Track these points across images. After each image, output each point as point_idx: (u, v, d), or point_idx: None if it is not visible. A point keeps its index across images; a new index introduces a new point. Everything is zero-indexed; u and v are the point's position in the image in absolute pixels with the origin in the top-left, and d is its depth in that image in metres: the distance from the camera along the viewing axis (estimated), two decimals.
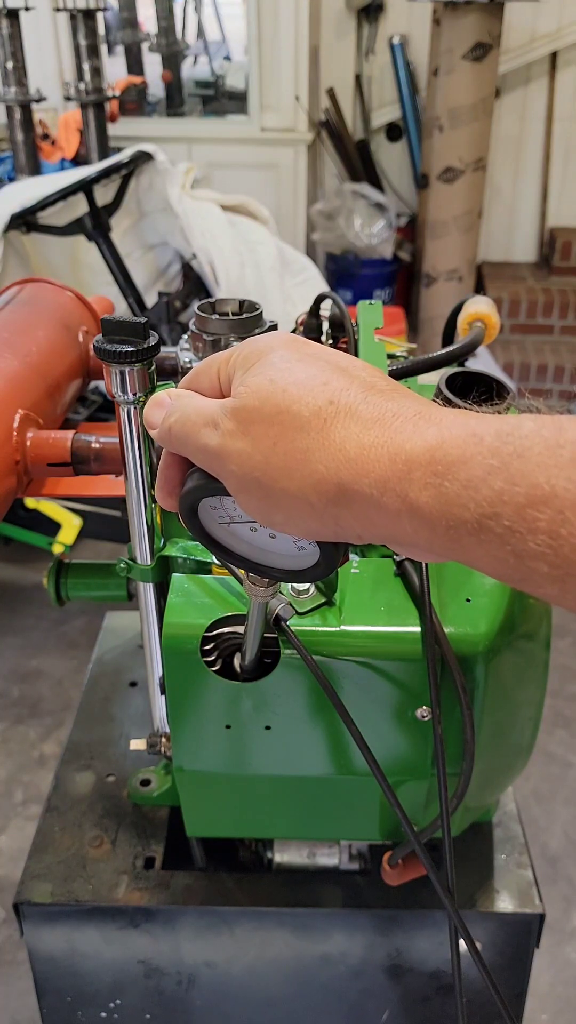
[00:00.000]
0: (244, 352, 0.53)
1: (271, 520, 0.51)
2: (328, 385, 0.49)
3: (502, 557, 0.42)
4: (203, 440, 0.51)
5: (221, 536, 0.58)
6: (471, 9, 4.23)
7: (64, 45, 4.87)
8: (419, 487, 0.44)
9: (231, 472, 0.50)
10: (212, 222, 3.30)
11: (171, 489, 0.56)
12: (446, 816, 0.80)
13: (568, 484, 0.39)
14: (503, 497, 0.41)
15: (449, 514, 0.43)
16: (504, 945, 0.99)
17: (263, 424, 0.49)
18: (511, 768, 0.94)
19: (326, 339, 1.07)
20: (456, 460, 0.43)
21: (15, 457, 0.86)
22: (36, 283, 1.14)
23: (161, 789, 1.10)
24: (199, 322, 0.93)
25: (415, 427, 0.46)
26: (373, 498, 0.46)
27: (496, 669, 0.80)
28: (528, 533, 0.40)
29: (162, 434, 0.54)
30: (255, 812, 0.97)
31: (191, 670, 0.82)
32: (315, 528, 0.49)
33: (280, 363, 0.51)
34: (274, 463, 0.48)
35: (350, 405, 0.48)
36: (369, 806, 0.92)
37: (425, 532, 0.45)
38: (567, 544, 0.39)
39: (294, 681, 0.81)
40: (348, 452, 0.46)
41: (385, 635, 0.80)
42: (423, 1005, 1.00)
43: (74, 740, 1.22)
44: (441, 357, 0.88)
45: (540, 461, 0.40)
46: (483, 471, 0.42)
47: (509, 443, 0.42)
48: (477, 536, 0.42)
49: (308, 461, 0.47)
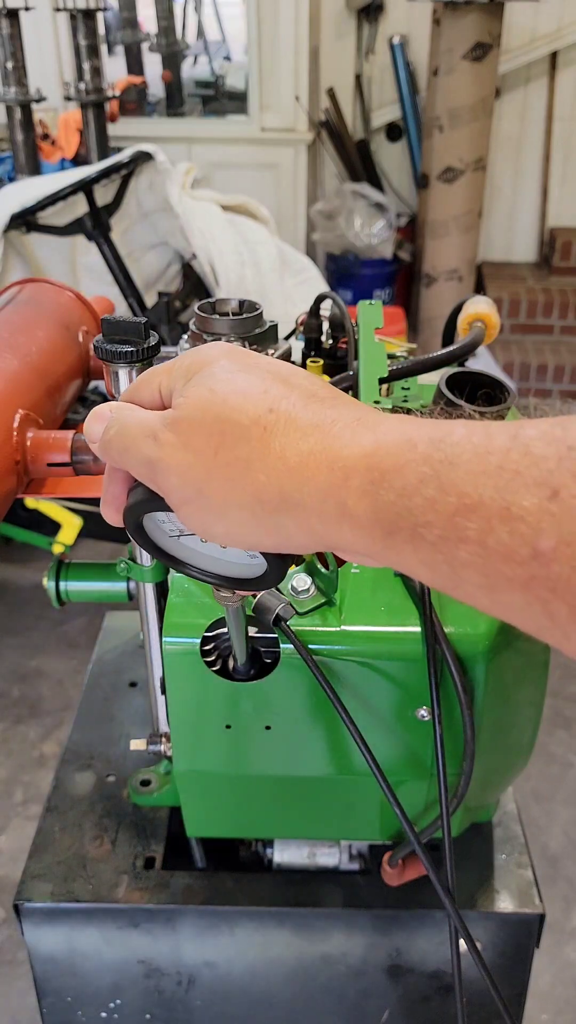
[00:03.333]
0: (184, 363, 0.52)
1: (213, 532, 0.50)
2: (268, 393, 0.48)
3: (436, 566, 0.42)
4: (143, 452, 0.51)
5: (172, 548, 0.57)
6: (471, 9, 4.23)
7: (64, 45, 4.87)
8: (356, 495, 0.44)
9: (172, 485, 0.50)
10: (212, 222, 3.30)
11: (116, 504, 0.56)
12: (446, 816, 0.80)
13: (494, 493, 0.39)
14: (435, 506, 0.40)
15: (385, 522, 0.43)
16: (504, 945, 0.99)
17: (203, 434, 0.48)
18: (511, 768, 0.94)
19: (326, 339, 1.07)
20: (391, 468, 0.43)
21: (15, 457, 0.86)
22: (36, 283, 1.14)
23: (161, 789, 1.10)
24: (199, 322, 0.93)
25: (353, 433, 0.45)
26: (314, 507, 0.45)
27: (496, 669, 0.80)
28: (459, 542, 0.40)
29: (102, 447, 0.54)
30: (255, 812, 0.97)
31: (191, 670, 0.82)
32: (258, 539, 0.49)
33: (220, 373, 0.50)
34: (215, 473, 0.48)
35: (290, 413, 0.47)
36: (369, 806, 0.92)
37: (364, 540, 0.44)
38: (495, 554, 0.39)
39: (294, 681, 0.81)
40: (288, 460, 0.46)
41: (385, 635, 0.80)
42: (423, 1005, 1.00)
43: (74, 740, 1.22)
44: (441, 357, 0.88)
45: (469, 469, 0.40)
46: (416, 479, 0.41)
47: (441, 450, 0.41)
48: (412, 544, 0.42)
49: (249, 470, 0.47)
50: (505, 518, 0.38)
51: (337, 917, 0.99)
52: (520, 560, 0.38)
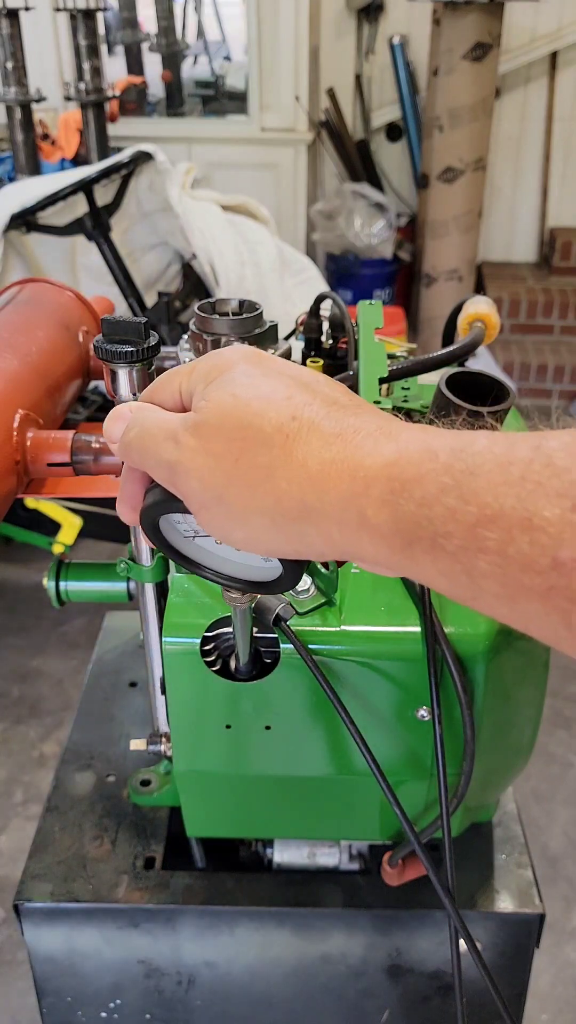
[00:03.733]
0: (206, 365, 0.52)
1: (232, 538, 0.50)
2: (291, 400, 0.48)
3: (455, 576, 0.42)
4: (163, 455, 0.50)
5: (186, 549, 0.57)
6: (471, 9, 4.23)
7: (64, 45, 4.87)
8: (377, 505, 0.43)
9: (192, 489, 0.49)
10: (212, 222, 3.30)
11: (133, 504, 0.56)
12: (446, 816, 0.80)
13: (516, 503, 0.39)
14: (455, 516, 0.40)
15: (405, 532, 0.43)
16: (504, 945, 0.99)
17: (225, 440, 0.48)
18: (511, 768, 0.94)
19: (326, 339, 1.07)
20: (412, 478, 0.42)
21: (15, 457, 0.86)
22: (36, 283, 1.13)
23: (161, 789, 1.10)
24: (199, 322, 0.93)
25: (375, 443, 0.45)
26: (334, 515, 0.45)
27: (496, 669, 0.80)
28: (479, 552, 0.40)
29: (122, 448, 0.54)
30: (255, 812, 0.97)
31: (191, 670, 0.82)
32: (277, 546, 0.49)
33: (242, 378, 0.50)
34: (236, 479, 0.47)
35: (313, 420, 0.47)
36: (369, 806, 0.92)
37: (384, 549, 0.44)
38: (514, 564, 0.39)
39: (294, 681, 0.81)
40: (310, 469, 0.46)
41: (385, 635, 0.80)
42: (423, 1005, 1.00)
43: (74, 740, 1.22)
44: (441, 357, 0.88)
45: (490, 479, 0.40)
46: (437, 489, 0.41)
47: (462, 460, 0.41)
48: (431, 554, 0.42)
49: (271, 478, 0.47)
50: (526, 528, 0.38)
51: (337, 917, 0.99)
52: (540, 570, 0.38)
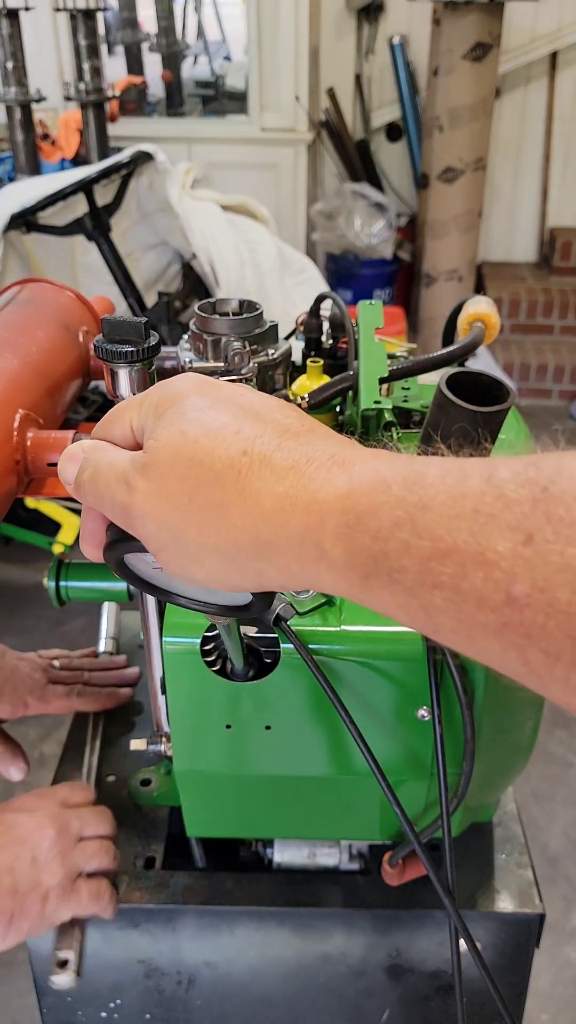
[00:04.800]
0: (155, 398, 0.51)
1: (193, 577, 0.49)
2: (240, 434, 0.47)
3: (412, 610, 0.41)
4: (117, 499, 0.50)
5: (156, 579, 0.57)
6: (471, 9, 4.23)
7: (64, 45, 4.87)
8: (332, 538, 0.43)
9: (148, 531, 0.49)
10: (212, 222, 3.30)
11: (95, 541, 0.55)
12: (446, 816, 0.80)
13: (468, 537, 0.38)
14: (410, 550, 0.40)
15: (361, 565, 0.42)
16: (504, 945, 0.99)
17: (177, 479, 0.47)
18: (511, 768, 0.94)
19: (326, 339, 1.07)
20: (365, 511, 0.42)
21: (15, 457, 0.86)
22: (36, 283, 1.13)
23: (162, 789, 1.10)
24: (199, 322, 0.93)
25: (328, 473, 0.45)
26: (291, 550, 0.45)
27: None
28: (433, 587, 0.39)
29: (76, 490, 0.53)
30: (255, 812, 0.97)
31: (191, 670, 0.82)
32: (238, 582, 0.48)
33: (191, 412, 0.49)
34: (191, 520, 0.47)
35: (264, 454, 0.46)
36: (370, 806, 0.92)
37: (342, 583, 0.44)
38: (469, 600, 0.38)
39: (294, 681, 0.81)
40: (264, 505, 0.45)
41: (385, 635, 0.80)
42: (423, 1005, 1.00)
43: (73, 740, 1.22)
44: (441, 357, 0.88)
45: (443, 512, 0.39)
46: (391, 522, 0.41)
47: (415, 492, 0.41)
48: (388, 588, 0.41)
49: (226, 516, 0.46)
50: (479, 563, 0.38)
51: (337, 917, 0.99)
52: (494, 606, 0.37)
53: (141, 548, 0.51)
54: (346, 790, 0.91)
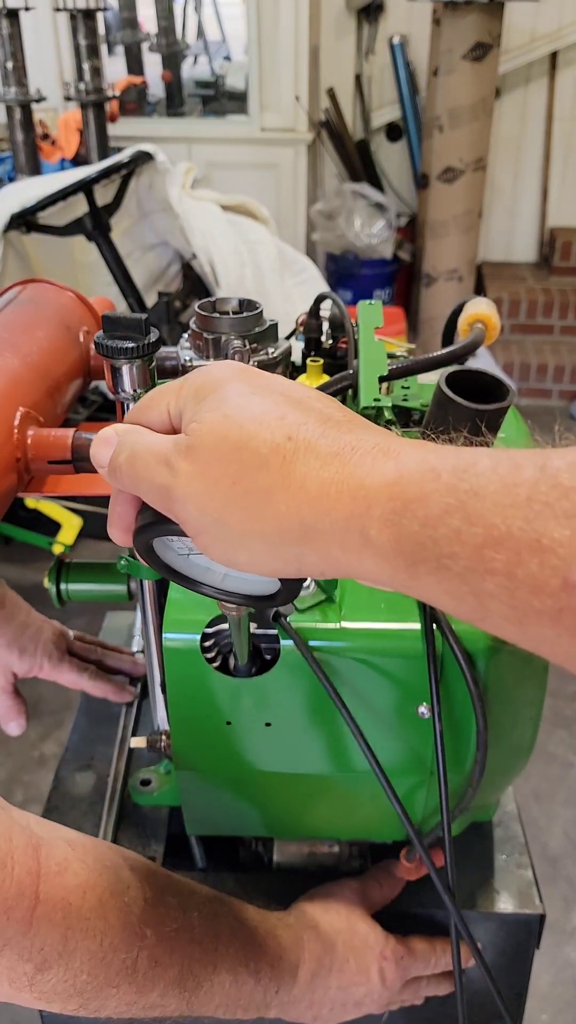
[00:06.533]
0: (195, 383, 0.51)
1: (234, 561, 0.49)
2: (285, 419, 0.47)
3: (461, 597, 0.41)
4: (157, 480, 0.49)
5: (182, 567, 0.56)
6: (471, 9, 4.23)
7: (64, 45, 4.88)
8: (379, 525, 0.43)
9: (189, 514, 0.48)
10: (212, 222, 3.30)
11: (124, 525, 0.55)
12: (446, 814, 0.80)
13: (524, 525, 0.38)
14: (461, 536, 0.40)
15: (409, 552, 0.42)
16: (504, 945, 0.99)
17: (221, 463, 0.47)
18: (512, 768, 0.94)
19: (326, 339, 1.07)
20: (414, 497, 0.42)
21: (16, 455, 0.86)
22: (37, 283, 1.13)
23: (162, 789, 1.10)
24: (199, 321, 0.93)
25: (373, 461, 0.44)
26: (336, 536, 0.45)
27: (497, 666, 0.80)
28: (486, 574, 0.39)
29: (111, 473, 0.53)
30: (256, 811, 0.97)
31: (191, 666, 0.82)
32: (279, 567, 0.48)
33: (234, 397, 0.49)
34: (234, 503, 0.47)
35: (308, 440, 0.46)
36: (371, 805, 0.92)
37: (387, 570, 0.44)
38: (523, 586, 0.38)
39: (294, 678, 0.81)
40: (309, 490, 0.45)
41: (385, 632, 0.80)
42: (423, 1005, 1.00)
43: (74, 740, 1.22)
44: (442, 357, 0.88)
45: (496, 500, 0.39)
46: (440, 509, 0.41)
47: (466, 480, 0.41)
48: (437, 575, 0.41)
49: (270, 500, 0.46)
50: (535, 550, 0.38)
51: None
52: (550, 592, 0.38)
53: (177, 531, 0.50)
54: (347, 788, 0.91)
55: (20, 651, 1.06)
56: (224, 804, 0.96)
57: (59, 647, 1.10)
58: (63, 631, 1.15)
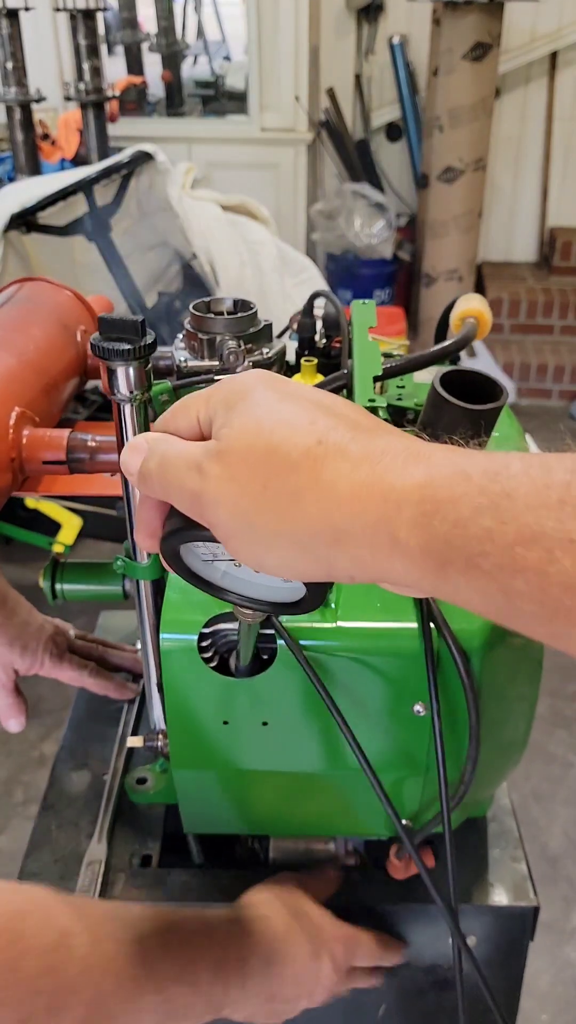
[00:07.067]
0: (224, 391, 0.52)
1: (263, 564, 0.49)
2: (315, 424, 0.48)
3: (491, 596, 0.41)
4: (188, 485, 0.50)
5: (206, 572, 0.57)
6: (471, 9, 4.24)
7: (64, 45, 4.88)
8: (409, 526, 0.43)
9: (220, 517, 0.49)
10: (212, 222, 3.31)
11: (151, 531, 0.55)
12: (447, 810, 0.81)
13: (557, 524, 0.39)
14: (492, 536, 0.40)
15: (439, 553, 0.42)
16: (499, 939, 0.99)
17: (252, 466, 0.48)
18: (506, 763, 0.95)
19: (320, 338, 1.07)
20: (445, 499, 0.42)
21: (11, 454, 0.87)
22: (34, 282, 1.14)
23: (158, 787, 1.10)
24: (194, 321, 0.94)
25: (404, 464, 0.45)
26: (366, 538, 0.45)
27: (491, 663, 0.80)
28: (517, 571, 0.40)
29: (141, 479, 0.53)
30: (253, 808, 0.97)
31: (188, 666, 0.82)
32: (308, 570, 0.48)
33: (264, 403, 0.49)
34: (265, 506, 0.47)
35: (339, 444, 0.47)
36: (368, 802, 0.92)
37: (416, 571, 0.44)
38: (555, 583, 0.39)
39: (290, 677, 0.82)
40: (340, 492, 0.45)
41: (381, 631, 0.80)
42: (419, 999, 1.00)
43: (69, 738, 1.23)
44: (435, 354, 0.89)
45: (528, 502, 0.40)
46: (472, 510, 0.41)
47: (498, 482, 0.41)
48: (466, 575, 0.42)
49: (301, 502, 0.46)
50: (569, 549, 0.38)
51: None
52: None
53: (207, 537, 0.51)
54: (344, 786, 0.91)
55: (22, 648, 1.06)
56: (221, 802, 0.96)
57: (60, 645, 1.11)
58: (64, 629, 1.16)
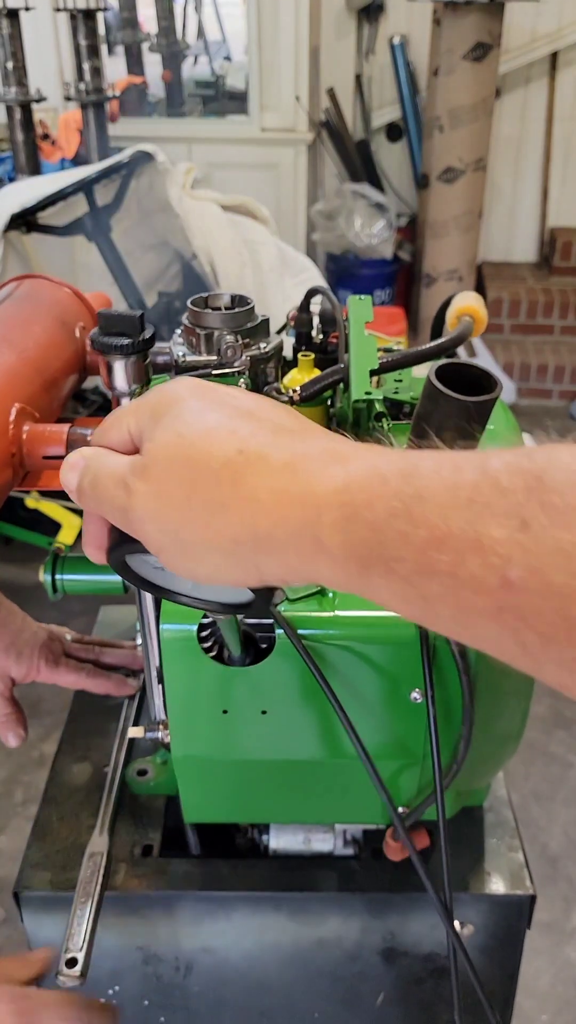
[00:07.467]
0: (151, 402, 0.52)
1: (195, 574, 0.50)
2: (236, 433, 0.48)
3: (410, 600, 0.42)
4: (116, 502, 0.51)
5: (159, 579, 0.58)
6: (471, 9, 4.24)
7: (64, 45, 4.88)
8: (330, 530, 0.44)
9: (148, 532, 0.50)
10: (212, 222, 3.31)
11: (98, 544, 0.56)
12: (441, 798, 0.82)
13: (465, 525, 0.39)
14: (407, 539, 0.41)
15: (359, 557, 0.43)
16: (496, 927, 1.00)
17: (174, 480, 0.48)
18: (501, 753, 0.95)
19: (316, 333, 1.08)
20: (362, 503, 0.43)
21: (11, 450, 0.87)
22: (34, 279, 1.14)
23: (158, 778, 1.11)
24: (192, 316, 0.95)
25: (323, 468, 0.46)
26: (290, 544, 0.46)
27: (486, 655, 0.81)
28: (431, 575, 0.40)
29: (78, 496, 0.55)
30: (253, 797, 0.98)
31: (188, 656, 0.83)
32: (239, 577, 0.49)
33: (187, 415, 0.50)
34: (190, 518, 0.48)
35: (259, 451, 0.47)
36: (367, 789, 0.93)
37: (341, 574, 0.45)
38: (466, 586, 0.39)
39: (289, 666, 0.83)
40: (262, 501, 0.46)
41: (378, 620, 0.81)
42: (417, 987, 1.01)
43: (70, 731, 1.23)
44: (431, 350, 0.90)
45: (439, 502, 0.40)
46: (387, 513, 0.42)
47: (411, 484, 0.42)
48: (386, 578, 0.42)
49: (224, 513, 0.47)
50: (476, 550, 0.39)
51: (332, 901, 1.01)
52: (490, 590, 0.38)
53: (142, 549, 0.52)
54: (343, 773, 0.92)
55: (16, 655, 1.06)
56: (221, 791, 0.97)
57: (55, 651, 1.11)
58: (59, 635, 1.15)
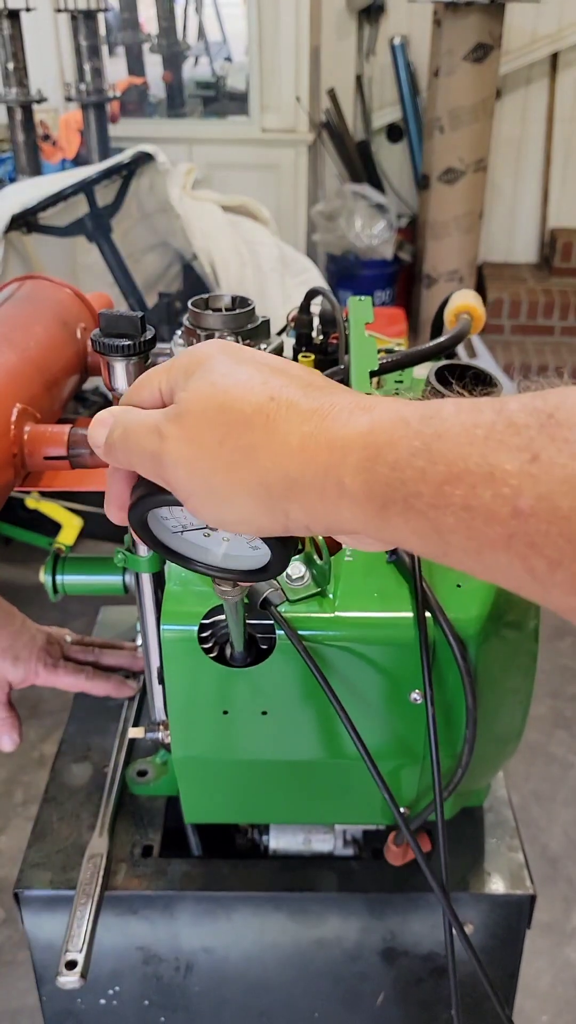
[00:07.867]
0: (183, 361, 0.54)
1: (223, 520, 0.52)
2: (267, 383, 0.50)
3: (426, 533, 0.44)
4: (148, 449, 0.52)
5: (176, 544, 0.59)
6: (472, 10, 4.24)
7: (65, 46, 4.88)
8: (353, 472, 0.46)
9: (179, 477, 0.51)
10: (213, 223, 3.31)
11: (120, 503, 0.57)
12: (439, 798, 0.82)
13: (479, 460, 0.41)
14: (425, 476, 0.43)
15: (380, 495, 0.45)
16: (496, 927, 1.00)
17: (207, 425, 0.50)
18: (501, 753, 0.96)
19: (316, 334, 1.08)
20: (385, 444, 0.45)
21: (13, 450, 0.88)
22: (35, 280, 1.15)
23: (158, 779, 1.11)
24: (193, 317, 0.95)
25: (350, 415, 0.48)
26: (316, 487, 0.48)
27: (486, 653, 0.81)
28: (446, 508, 0.42)
29: (107, 449, 0.55)
30: (254, 797, 0.98)
31: (189, 657, 0.83)
32: (266, 524, 0.51)
33: (219, 367, 0.52)
34: (221, 462, 0.49)
35: (290, 399, 0.49)
36: (367, 790, 0.93)
37: (361, 515, 0.47)
38: (478, 516, 0.41)
39: (289, 666, 0.83)
40: (291, 444, 0.48)
41: (378, 621, 0.82)
42: (417, 987, 1.01)
43: (70, 731, 1.23)
44: (430, 349, 0.90)
45: (457, 441, 0.43)
46: (408, 452, 0.44)
47: (431, 426, 0.44)
48: (404, 515, 0.44)
49: (255, 457, 0.49)
50: (488, 482, 0.41)
51: (332, 901, 1.01)
52: (501, 519, 0.41)
53: (170, 501, 0.53)
54: (343, 774, 0.92)
55: (14, 659, 1.07)
56: (221, 791, 0.97)
57: (53, 654, 1.11)
58: (58, 637, 1.15)
